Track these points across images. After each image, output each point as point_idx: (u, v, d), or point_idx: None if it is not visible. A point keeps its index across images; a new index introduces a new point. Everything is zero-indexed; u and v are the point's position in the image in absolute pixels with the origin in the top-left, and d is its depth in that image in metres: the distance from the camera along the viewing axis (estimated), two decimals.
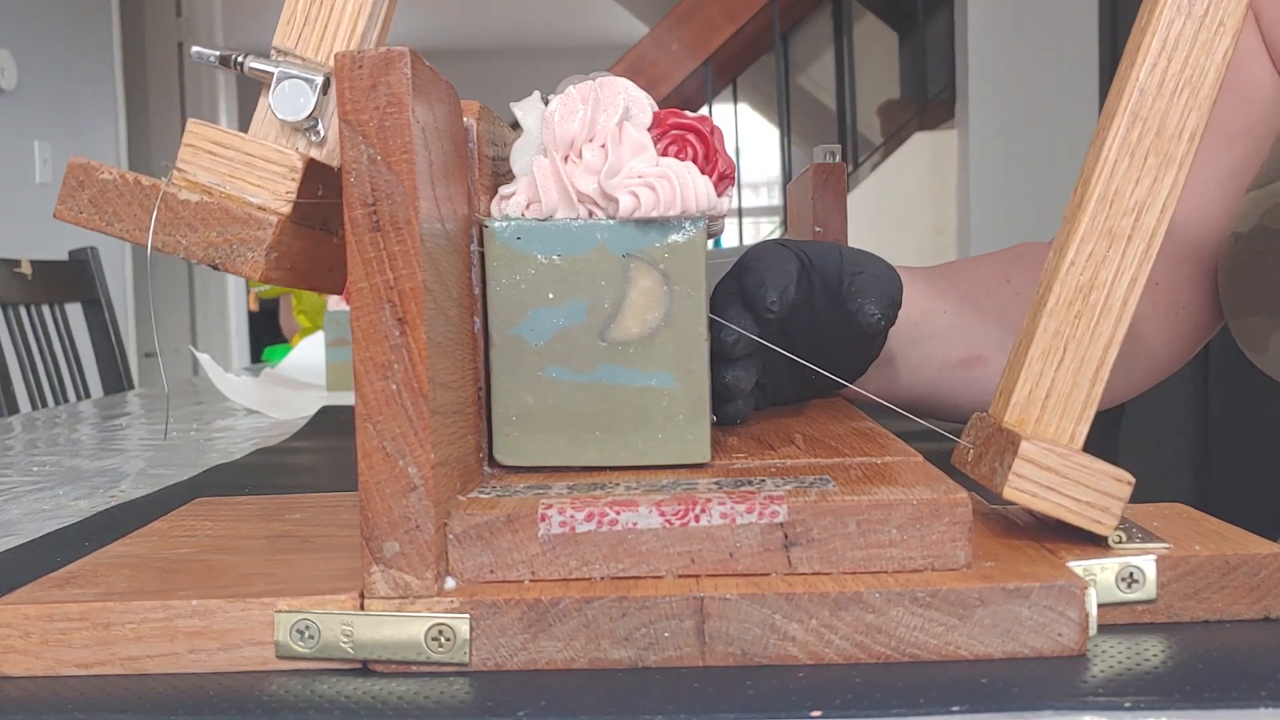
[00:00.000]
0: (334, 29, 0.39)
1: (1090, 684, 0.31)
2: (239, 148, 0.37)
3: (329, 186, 0.39)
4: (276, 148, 0.37)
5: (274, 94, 0.38)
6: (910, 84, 4.40)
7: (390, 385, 0.33)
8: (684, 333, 0.40)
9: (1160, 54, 0.36)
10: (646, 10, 5.14)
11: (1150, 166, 0.37)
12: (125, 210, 0.36)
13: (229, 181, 0.37)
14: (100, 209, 0.36)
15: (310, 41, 0.39)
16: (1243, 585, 0.36)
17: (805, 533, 0.34)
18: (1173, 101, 0.36)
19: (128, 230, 0.36)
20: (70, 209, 0.36)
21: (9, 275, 1.63)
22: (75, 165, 0.36)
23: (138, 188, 0.36)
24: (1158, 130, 0.37)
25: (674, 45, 4.11)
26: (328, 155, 0.39)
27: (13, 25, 3.08)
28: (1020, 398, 0.38)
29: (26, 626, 0.34)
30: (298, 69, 0.38)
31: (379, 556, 0.33)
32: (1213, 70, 0.36)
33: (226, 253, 0.36)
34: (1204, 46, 0.36)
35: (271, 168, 0.37)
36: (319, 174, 0.38)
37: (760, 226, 5.87)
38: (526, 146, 0.41)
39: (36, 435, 1.00)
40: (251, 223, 0.36)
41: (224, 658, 0.33)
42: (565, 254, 0.39)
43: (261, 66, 0.39)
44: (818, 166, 0.69)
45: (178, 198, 0.36)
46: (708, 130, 0.40)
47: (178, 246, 0.36)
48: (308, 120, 0.38)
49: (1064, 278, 0.38)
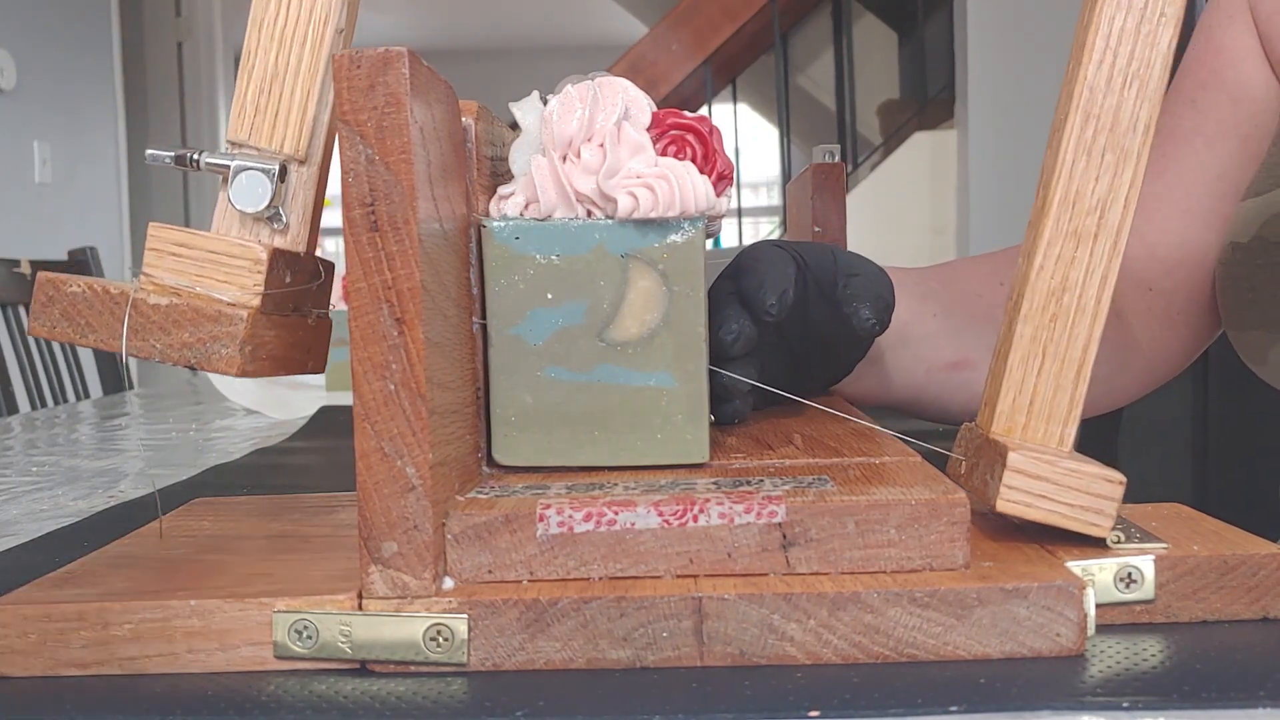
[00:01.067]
0: (285, 117, 0.39)
1: (1088, 684, 0.31)
2: (203, 246, 0.37)
3: (297, 272, 0.40)
4: (239, 242, 0.38)
5: (232, 187, 0.39)
6: (910, 84, 4.40)
7: (388, 385, 0.33)
8: (683, 333, 0.40)
9: (1105, 50, 0.36)
10: (646, 10, 5.14)
11: (1108, 163, 0.37)
12: (97, 320, 0.37)
13: (196, 281, 0.37)
14: (73, 321, 0.37)
15: (263, 132, 0.40)
16: (1241, 585, 0.36)
17: (803, 533, 0.34)
18: (1123, 96, 0.36)
19: (101, 339, 0.37)
20: (44, 325, 0.37)
21: (8, 275, 1.63)
22: (43, 280, 0.37)
23: (106, 297, 0.37)
24: (1111, 126, 0.37)
25: (673, 45, 4.12)
26: (292, 242, 0.40)
27: (13, 25, 3.08)
28: (1005, 406, 0.38)
29: (25, 627, 0.33)
30: (253, 160, 0.39)
31: (377, 557, 0.33)
32: (1159, 61, 0.36)
33: (201, 352, 0.36)
34: (1147, 39, 0.36)
35: (236, 262, 0.37)
36: (285, 262, 0.39)
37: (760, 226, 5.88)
38: (525, 146, 0.40)
39: (35, 435, 1.00)
40: (223, 319, 0.36)
41: (222, 658, 0.33)
42: (564, 254, 0.39)
43: (217, 161, 0.39)
44: (817, 166, 0.69)
45: (147, 302, 0.36)
46: (706, 130, 0.40)
47: (152, 351, 0.37)
48: (268, 209, 0.39)
49: (1034, 283, 0.38)
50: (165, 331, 0.36)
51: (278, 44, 0.39)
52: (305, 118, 0.39)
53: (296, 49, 0.39)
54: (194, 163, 0.40)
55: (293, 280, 0.39)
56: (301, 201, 0.40)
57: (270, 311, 0.38)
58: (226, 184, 0.39)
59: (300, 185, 0.40)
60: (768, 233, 5.49)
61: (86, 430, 1.03)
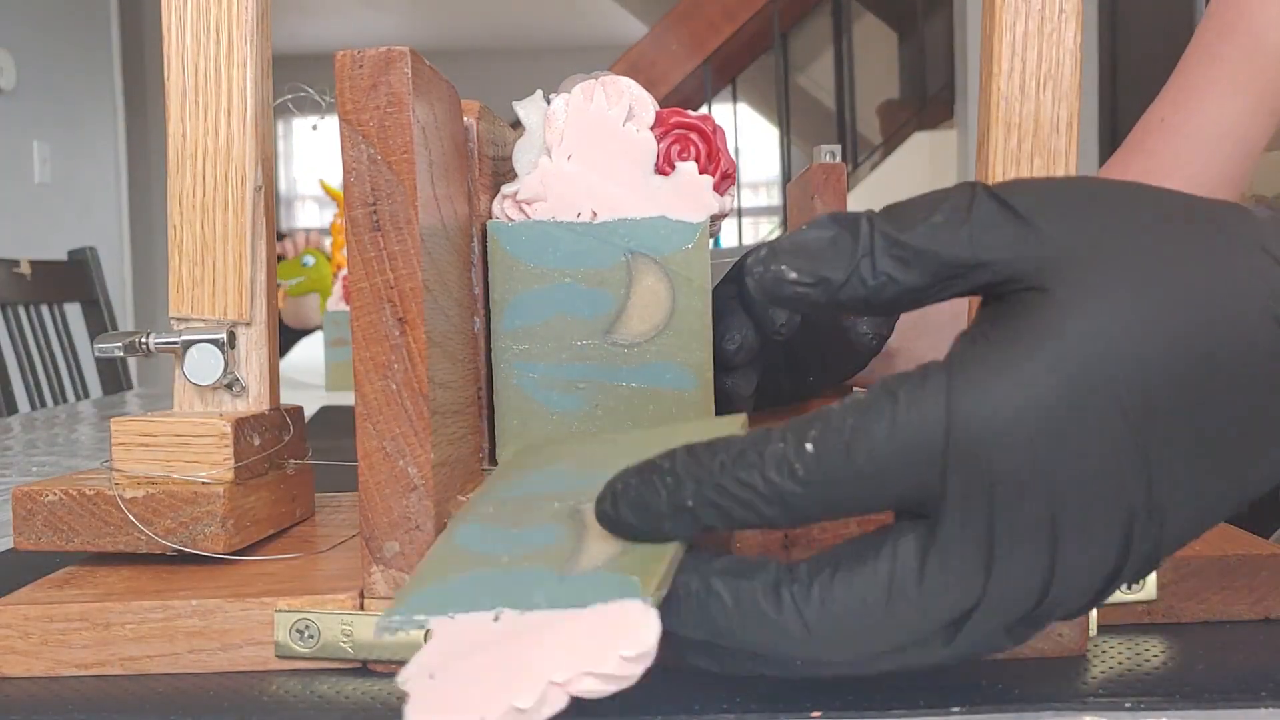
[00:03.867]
0: (222, 284, 0.40)
1: (1090, 684, 0.31)
2: (166, 431, 0.38)
3: (265, 433, 0.40)
4: (202, 420, 0.38)
5: (186, 364, 0.40)
6: (910, 84, 4.40)
7: (390, 385, 0.32)
8: (688, 333, 0.40)
9: (1013, 58, 0.36)
10: (646, 10, 5.14)
11: (1039, 168, 0.36)
12: (79, 523, 0.37)
13: (168, 467, 0.38)
14: (56, 529, 0.37)
15: (203, 303, 0.40)
16: (1243, 585, 0.36)
17: (805, 533, 0.34)
18: (1040, 99, 0.36)
19: (87, 541, 0.37)
20: (28, 538, 0.38)
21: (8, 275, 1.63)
22: (19, 495, 0.38)
23: (83, 500, 0.37)
24: (1034, 131, 0.36)
25: (673, 45, 4.12)
26: (255, 402, 0.40)
27: (13, 25, 3.08)
28: None
29: (26, 627, 0.33)
30: (200, 332, 0.40)
31: (379, 556, 0.33)
32: (1068, 58, 0.36)
33: (186, 536, 0.37)
34: (1052, 37, 0.36)
35: (202, 441, 0.38)
36: (251, 426, 0.39)
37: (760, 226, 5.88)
38: (529, 145, 0.40)
39: (35, 435, 1.00)
40: (200, 500, 0.37)
41: (224, 658, 0.33)
42: (568, 254, 0.39)
43: (166, 340, 0.40)
44: (818, 166, 0.69)
45: (124, 498, 0.37)
46: (710, 129, 0.40)
47: (138, 544, 0.37)
48: (224, 377, 0.39)
49: None
50: (148, 522, 0.37)
51: (200, 214, 0.40)
52: (242, 281, 0.40)
53: (220, 215, 0.40)
54: (144, 347, 0.40)
55: (262, 442, 0.40)
56: (256, 361, 0.41)
57: (246, 479, 0.39)
58: (179, 361, 0.40)
59: (251, 346, 0.41)
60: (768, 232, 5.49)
61: (86, 430, 1.03)
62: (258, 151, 0.40)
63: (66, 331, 1.77)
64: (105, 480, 0.38)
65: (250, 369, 0.40)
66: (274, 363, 0.41)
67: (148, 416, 0.38)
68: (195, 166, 0.40)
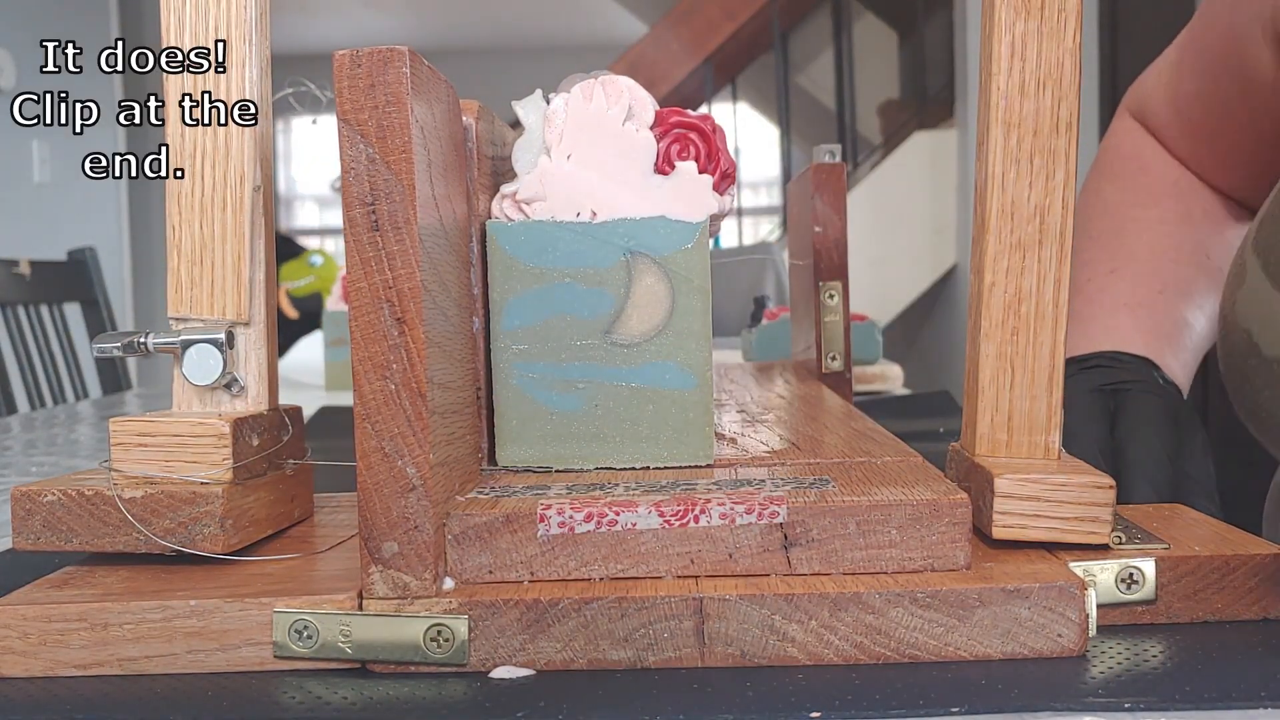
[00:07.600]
0: (221, 284, 0.40)
1: (1090, 685, 0.31)
2: (165, 432, 0.38)
3: (263, 433, 0.40)
4: (200, 420, 0.38)
5: (184, 364, 0.39)
6: (909, 84, 4.40)
7: (389, 385, 0.32)
8: (687, 333, 0.40)
9: (1012, 57, 0.36)
10: (646, 10, 5.14)
11: (1039, 168, 0.36)
12: (77, 523, 0.37)
13: (166, 467, 0.38)
14: (54, 529, 0.37)
15: (202, 303, 0.40)
16: (1242, 586, 0.36)
17: (805, 533, 0.34)
18: (1040, 99, 0.36)
19: (85, 541, 0.37)
20: (27, 539, 0.37)
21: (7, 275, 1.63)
22: (18, 495, 0.37)
23: (81, 500, 0.37)
24: (1034, 131, 0.36)
25: (674, 45, 4.12)
26: (253, 403, 0.40)
27: (13, 25, 3.08)
28: (985, 428, 0.38)
29: (25, 627, 0.33)
30: (199, 332, 0.39)
31: (377, 557, 0.33)
32: (1068, 58, 0.36)
33: (184, 536, 0.37)
34: (1052, 37, 0.36)
35: (201, 441, 0.38)
36: (250, 426, 0.39)
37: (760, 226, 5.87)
38: (528, 145, 0.40)
39: (35, 435, 1.00)
40: (199, 500, 0.37)
41: (222, 658, 0.33)
42: (567, 254, 0.39)
43: (165, 341, 0.40)
44: (818, 166, 0.69)
45: (123, 497, 0.37)
46: (710, 129, 0.40)
47: (137, 544, 0.37)
48: (223, 377, 0.39)
49: (989, 300, 0.38)
50: (146, 523, 0.37)
51: (199, 214, 0.40)
52: (241, 281, 0.40)
53: (218, 215, 0.40)
54: (142, 347, 0.40)
55: (261, 443, 0.40)
56: (255, 362, 0.41)
57: (245, 479, 0.38)
58: (178, 361, 0.40)
59: (250, 347, 0.41)
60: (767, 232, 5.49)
61: (85, 430, 1.03)
62: (256, 151, 0.40)
63: (66, 332, 1.76)
64: (104, 480, 0.38)
65: (249, 369, 0.40)
66: (273, 363, 0.41)
67: (146, 417, 0.38)
68: (194, 166, 0.40)
